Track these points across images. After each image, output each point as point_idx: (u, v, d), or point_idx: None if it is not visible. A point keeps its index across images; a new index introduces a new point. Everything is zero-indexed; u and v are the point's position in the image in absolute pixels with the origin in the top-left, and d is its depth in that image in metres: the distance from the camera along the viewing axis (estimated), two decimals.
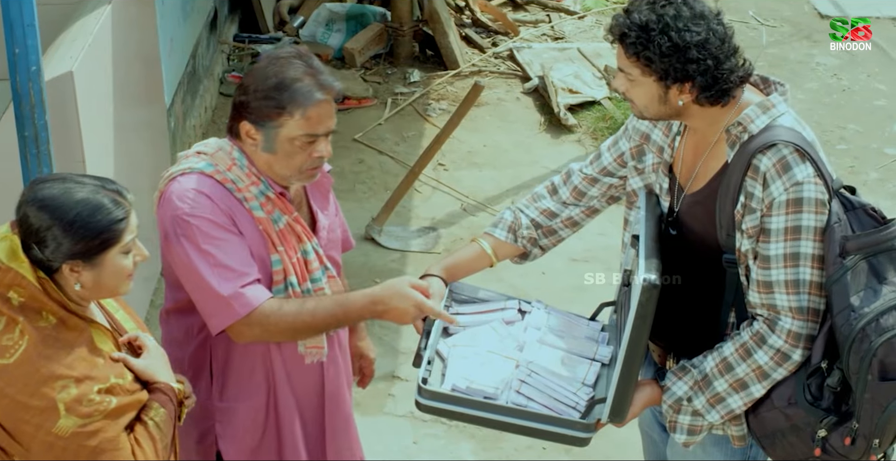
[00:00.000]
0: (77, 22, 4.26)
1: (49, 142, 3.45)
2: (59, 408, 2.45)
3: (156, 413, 2.63)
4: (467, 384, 2.92)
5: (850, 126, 7.10)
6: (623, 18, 2.78)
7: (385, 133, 6.93)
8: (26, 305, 2.48)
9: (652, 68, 2.76)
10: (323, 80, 2.86)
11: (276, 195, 2.95)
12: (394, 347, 5.10)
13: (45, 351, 2.46)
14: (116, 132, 4.54)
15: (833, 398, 2.76)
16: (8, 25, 3.25)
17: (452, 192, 6.26)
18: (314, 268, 3.03)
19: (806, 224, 2.74)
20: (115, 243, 2.52)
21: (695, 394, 2.89)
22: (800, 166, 2.73)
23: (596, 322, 3.20)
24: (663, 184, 3.01)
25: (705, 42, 2.74)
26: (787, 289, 2.77)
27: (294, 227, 2.99)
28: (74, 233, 2.47)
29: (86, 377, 2.48)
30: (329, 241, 3.12)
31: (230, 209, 2.89)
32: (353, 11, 7.87)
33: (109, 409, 2.50)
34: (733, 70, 2.79)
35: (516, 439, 4.60)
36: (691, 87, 2.77)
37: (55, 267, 2.50)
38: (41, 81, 3.38)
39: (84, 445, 2.48)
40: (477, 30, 8.13)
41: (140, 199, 5.29)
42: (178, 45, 5.94)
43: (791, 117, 2.82)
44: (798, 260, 2.75)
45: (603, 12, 8.53)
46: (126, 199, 2.57)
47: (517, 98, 7.36)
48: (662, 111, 2.84)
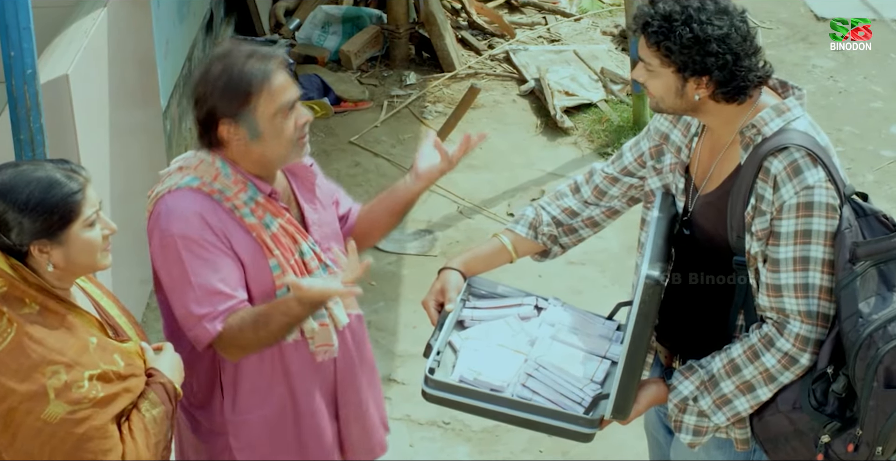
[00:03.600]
0: (73, 25, 4.26)
1: (45, 145, 3.45)
2: (49, 393, 2.46)
3: (153, 407, 2.63)
4: (475, 376, 2.94)
5: (846, 128, 7.11)
6: (648, 8, 2.80)
7: (381, 135, 6.93)
8: (8, 294, 2.49)
9: (671, 59, 2.77)
10: (264, 54, 2.89)
11: (266, 198, 2.95)
12: (390, 350, 5.10)
13: (35, 335, 2.47)
14: (112, 135, 4.53)
15: (838, 404, 2.75)
16: (3, 28, 3.24)
17: (449, 194, 6.26)
18: (313, 268, 3.02)
19: (816, 228, 2.73)
20: (76, 217, 2.52)
21: (701, 394, 2.89)
22: (811, 170, 2.73)
23: (612, 321, 3.21)
24: (679, 184, 3.01)
25: (726, 37, 2.74)
26: (796, 292, 2.76)
27: (287, 229, 2.99)
28: (32, 211, 2.47)
29: (76, 363, 2.49)
30: (324, 236, 3.11)
31: (221, 223, 2.89)
32: (350, 14, 7.87)
33: (98, 398, 2.50)
34: (752, 69, 2.79)
35: (513, 442, 4.60)
36: (708, 82, 2.77)
37: (24, 250, 2.50)
38: (37, 84, 3.38)
39: (71, 432, 2.48)
40: (473, 32, 8.13)
41: (136, 202, 5.28)
42: (174, 48, 5.93)
43: (806, 121, 2.82)
44: (808, 264, 2.74)
45: (599, 15, 8.53)
46: (80, 174, 2.56)
47: (513, 100, 7.36)
48: (678, 104, 2.84)
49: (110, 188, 4.47)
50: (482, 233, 5.90)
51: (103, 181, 4.38)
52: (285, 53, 7.51)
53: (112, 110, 4.53)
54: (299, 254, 3.00)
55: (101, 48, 4.40)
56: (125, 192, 4.72)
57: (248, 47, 2.91)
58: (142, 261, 5.23)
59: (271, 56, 2.90)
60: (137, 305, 5.14)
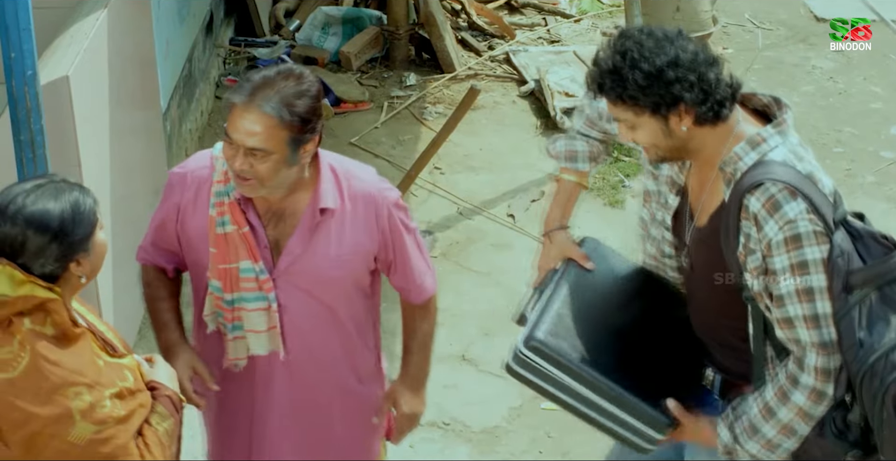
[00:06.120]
0: (73, 26, 4.26)
1: (45, 146, 3.45)
2: (75, 415, 2.44)
3: (163, 420, 2.63)
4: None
5: (846, 129, 7.10)
6: (593, 70, 2.77)
7: (381, 137, 6.92)
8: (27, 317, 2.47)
9: (641, 105, 2.73)
10: (238, 88, 2.80)
11: (232, 201, 2.94)
12: (391, 351, 5.09)
13: (51, 357, 2.45)
14: (112, 136, 4.53)
15: (860, 431, 2.71)
16: (4, 29, 3.24)
17: (449, 195, 6.25)
18: (246, 288, 3.00)
19: (811, 257, 2.68)
20: (97, 223, 2.58)
21: (744, 441, 2.85)
22: (791, 204, 2.68)
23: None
24: (671, 201, 2.99)
25: (676, 60, 2.70)
26: (806, 323, 2.71)
27: (235, 239, 2.96)
28: (72, 235, 2.49)
29: (96, 383, 2.48)
30: (296, 275, 3.01)
31: (194, 195, 3.00)
32: (350, 15, 7.87)
33: (121, 416, 2.50)
34: (720, 79, 2.74)
35: (513, 443, 4.60)
36: (686, 109, 2.73)
37: (60, 273, 2.51)
38: (37, 85, 3.38)
39: (98, 452, 2.47)
40: (473, 33, 8.13)
41: (136, 203, 5.29)
42: (175, 49, 5.93)
43: (784, 150, 2.75)
44: (812, 294, 2.70)
45: (599, 16, 8.53)
46: (71, 181, 2.62)
47: (513, 101, 7.36)
48: (672, 145, 2.80)
49: (110, 189, 4.47)
50: (482, 233, 5.90)
51: (103, 182, 4.38)
52: (285, 54, 7.52)
53: (112, 111, 4.53)
54: (238, 269, 2.99)
55: (102, 49, 4.39)
56: (125, 193, 4.72)
57: (255, 78, 2.81)
58: None
59: (239, 91, 2.81)
60: (137, 308, 5.13)
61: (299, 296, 3.03)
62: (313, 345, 3.12)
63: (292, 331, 3.07)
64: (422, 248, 3.16)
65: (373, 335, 3.30)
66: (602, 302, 3.10)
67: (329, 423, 3.25)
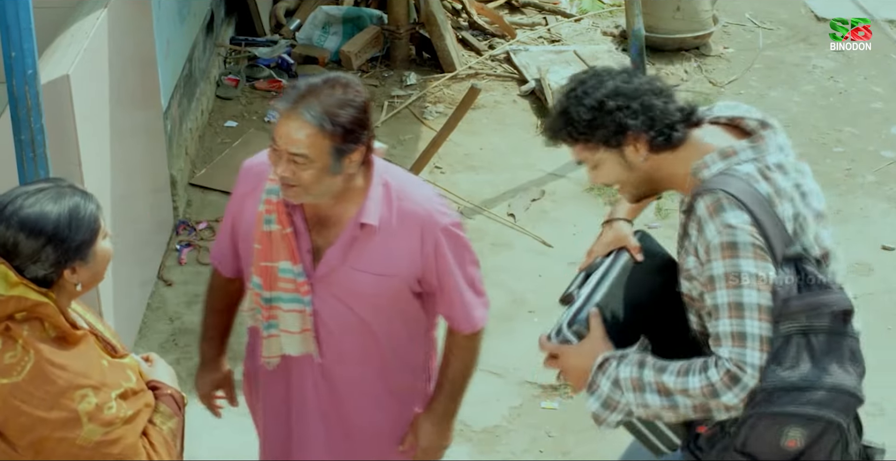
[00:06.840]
0: (73, 25, 4.26)
1: (45, 145, 3.45)
2: (82, 418, 2.43)
3: (168, 419, 2.62)
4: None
5: (846, 129, 7.10)
6: (546, 120, 2.83)
7: (382, 136, 6.91)
8: (27, 321, 2.46)
9: (593, 142, 2.76)
10: (285, 94, 2.80)
11: (279, 200, 2.94)
12: None
13: (56, 360, 2.44)
14: (113, 135, 4.53)
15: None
16: (4, 29, 3.24)
17: (449, 195, 6.25)
18: (283, 288, 3.00)
19: (746, 270, 2.63)
20: (99, 231, 2.53)
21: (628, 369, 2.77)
22: (734, 211, 2.65)
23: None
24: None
25: (616, 90, 2.73)
26: (733, 341, 2.65)
27: (277, 239, 2.96)
28: (68, 240, 2.46)
29: (102, 384, 2.47)
30: (332, 284, 2.99)
31: (254, 190, 3.03)
32: (350, 14, 7.87)
33: (128, 416, 2.49)
34: (667, 105, 2.75)
35: (514, 442, 4.60)
36: (636, 137, 2.74)
37: (55, 278, 2.48)
38: (37, 85, 3.37)
39: (108, 454, 2.46)
40: (473, 32, 8.13)
41: (137, 203, 5.28)
42: (175, 49, 5.93)
43: (752, 167, 2.73)
44: (742, 310, 2.64)
45: (599, 15, 8.53)
46: (80, 188, 2.57)
47: (514, 101, 7.36)
48: (638, 178, 2.82)
49: (111, 189, 4.47)
50: (483, 233, 5.90)
51: (104, 181, 4.38)
52: (286, 53, 7.52)
53: (113, 111, 4.53)
54: (277, 269, 2.99)
55: (102, 48, 4.40)
56: (126, 193, 4.72)
57: (303, 86, 2.80)
58: (142, 262, 5.23)
59: (284, 102, 2.80)
60: (138, 307, 5.14)
61: (335, 305, 3.01)
62: (346, 353, 3.09)
63: (327, 336, 3.05)
64: (474, 278, 3.11)
65: (420, 357, 3.23)
66: (646, 296, 3.08)
67: (356, 434, 3.23)
